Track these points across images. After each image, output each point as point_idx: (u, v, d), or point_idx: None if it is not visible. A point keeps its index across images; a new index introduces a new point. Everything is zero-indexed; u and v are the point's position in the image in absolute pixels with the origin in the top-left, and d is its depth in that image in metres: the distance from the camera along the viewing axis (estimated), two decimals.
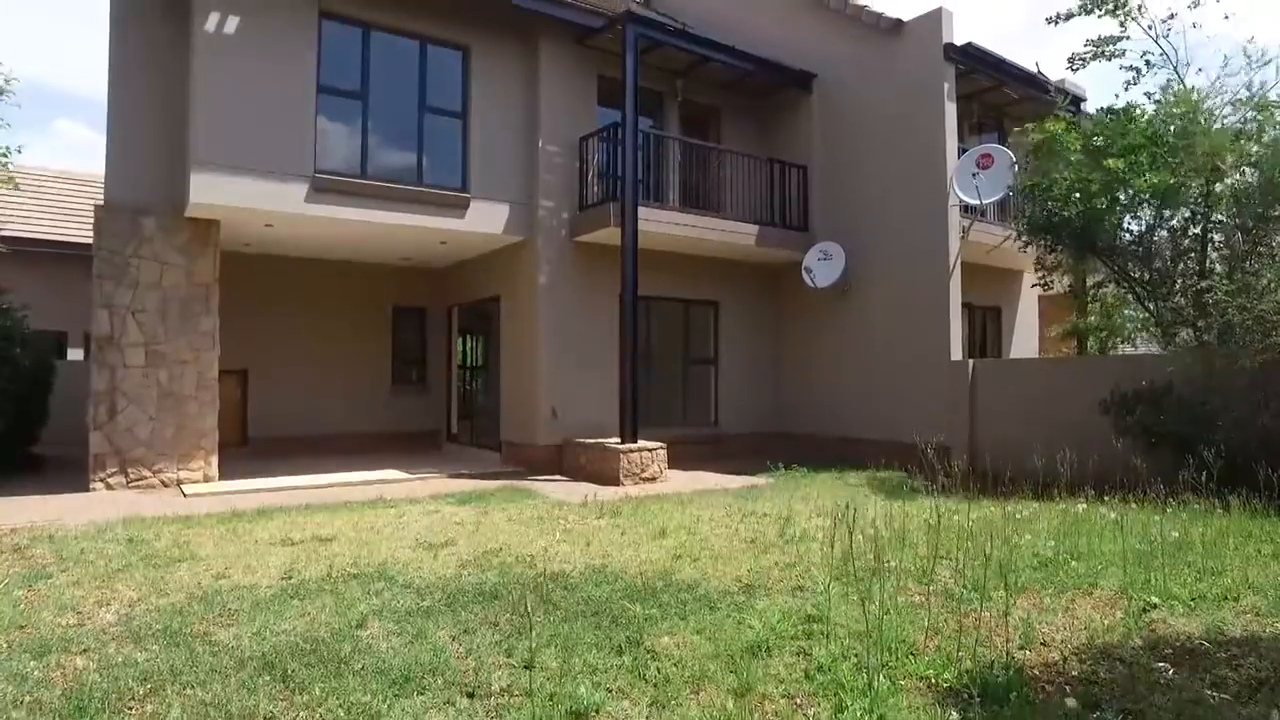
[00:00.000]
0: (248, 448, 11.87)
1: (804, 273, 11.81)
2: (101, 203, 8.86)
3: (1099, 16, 9.37)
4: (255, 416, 12.00)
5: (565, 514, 7.23)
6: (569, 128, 10.75)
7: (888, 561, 4.95)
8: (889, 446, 11.05)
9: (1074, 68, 9.71)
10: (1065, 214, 8.65)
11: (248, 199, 8.63)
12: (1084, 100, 12.84)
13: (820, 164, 12.35)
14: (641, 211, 10.05)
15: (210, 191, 8.43)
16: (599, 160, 10.78)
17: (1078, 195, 8.66)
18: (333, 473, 10.03)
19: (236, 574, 4.89)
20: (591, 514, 7.21)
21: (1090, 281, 11.67)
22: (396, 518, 7.02)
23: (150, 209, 8.91)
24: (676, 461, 10.45)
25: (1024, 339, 13.58)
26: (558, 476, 10.12)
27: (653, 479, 9.65)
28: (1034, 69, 12.67)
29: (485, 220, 10.28)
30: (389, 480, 9.53)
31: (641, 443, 9.77)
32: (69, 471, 9.53)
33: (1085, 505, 6.72)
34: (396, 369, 13.55)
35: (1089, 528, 5.68)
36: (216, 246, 9.28)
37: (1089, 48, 9.58)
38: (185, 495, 8.40)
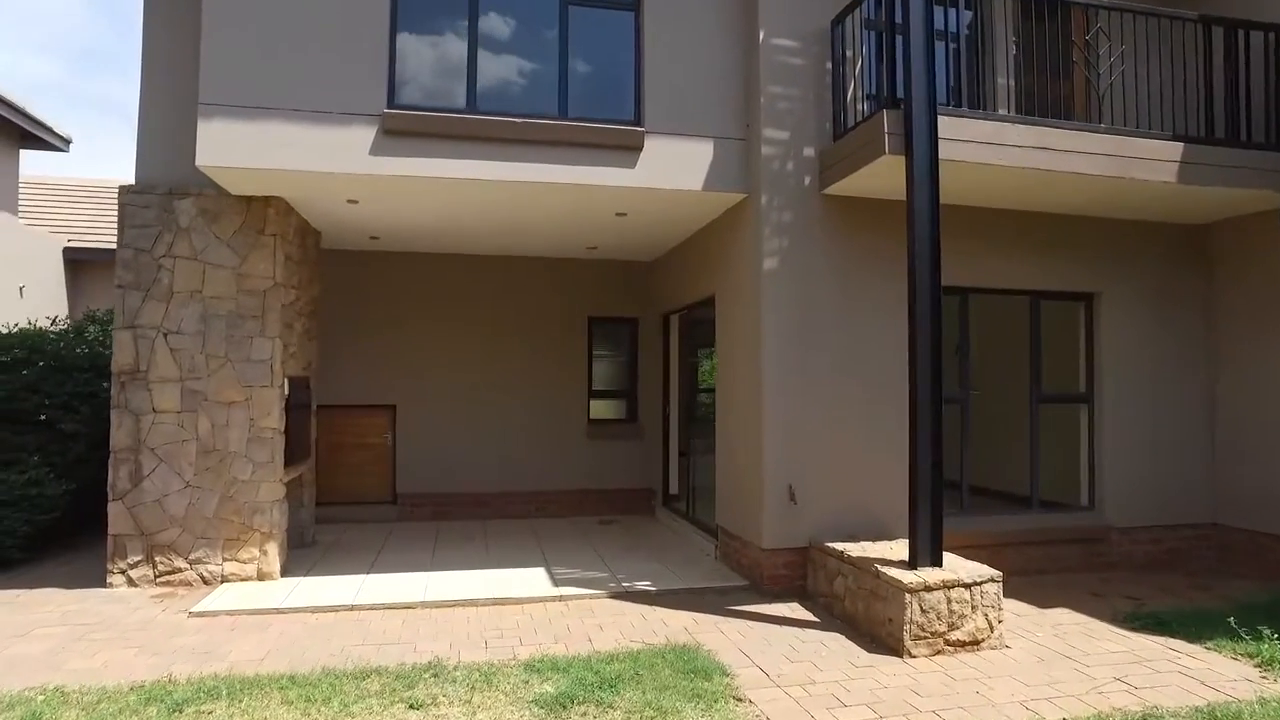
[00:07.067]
0: (395, 507, 9.04)
1: None
2: (132, 183, 6.30)
3: None
4: (404, 465, 9.12)
5: None
6: (809, 8, 6.33)
7: None
8: None
9: None
10: None
11: (278, 155, 5.47)
12: None
13: None
14: (945, 123, 5.31)
15: (222, 148, 5.39)
16: (864, 58, 6.23)
17: None
18: (454, 569, 6.68)
19: None
20: None
21: None
22: None
23: (188, 187, 6.19)
24: (1013, 583, 5.53)
25: None
26: (794, 610, 5.68)
27: (973, 644, 4.86)
28: None
29: (672, 169, 6.21)
30: (511, 600, 5.81)
31: (950, 566, 5.03)
32: None
33: None
34: (595, 404, 10.01)
35: None
36: (278, 236, 6.31)
37: None
38: (190, 614, 5.41)
